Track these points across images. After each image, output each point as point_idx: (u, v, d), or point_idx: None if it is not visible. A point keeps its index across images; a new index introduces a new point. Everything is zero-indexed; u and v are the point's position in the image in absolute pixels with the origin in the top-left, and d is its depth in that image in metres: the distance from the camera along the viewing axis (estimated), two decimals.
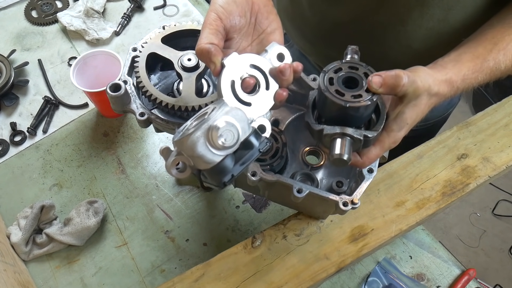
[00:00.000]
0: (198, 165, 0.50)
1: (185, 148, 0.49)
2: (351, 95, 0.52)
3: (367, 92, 0.53)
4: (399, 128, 0.57)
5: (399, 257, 0.91)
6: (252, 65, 0.55)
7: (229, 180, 0.51)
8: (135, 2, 1.33)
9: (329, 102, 0.53)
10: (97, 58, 1.06)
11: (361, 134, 0.53)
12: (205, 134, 0.49)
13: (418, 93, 0.55)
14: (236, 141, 0.50)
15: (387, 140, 0.57)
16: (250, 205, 0.98)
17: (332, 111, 0.55)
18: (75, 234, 0.90)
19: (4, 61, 1.13)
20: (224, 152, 0.49)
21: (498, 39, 0.63)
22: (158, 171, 1.03)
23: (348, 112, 0.53)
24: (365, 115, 0.55)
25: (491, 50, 0.63)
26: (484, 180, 0.81)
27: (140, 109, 0.68)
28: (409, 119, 0.56)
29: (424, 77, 0.56)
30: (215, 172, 0.50)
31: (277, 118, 0.72)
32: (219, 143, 0.49)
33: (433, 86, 0.56)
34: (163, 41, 0.70)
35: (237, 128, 0.50)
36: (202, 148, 0.48)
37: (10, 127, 1.09)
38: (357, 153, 0.58)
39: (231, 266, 0.73)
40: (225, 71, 0.53)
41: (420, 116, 0.58)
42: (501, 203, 2.32)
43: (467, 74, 0.61)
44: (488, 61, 0.62)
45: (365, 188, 0.63)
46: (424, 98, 0.56)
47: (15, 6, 1.35)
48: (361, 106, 0.52)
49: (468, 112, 2.61)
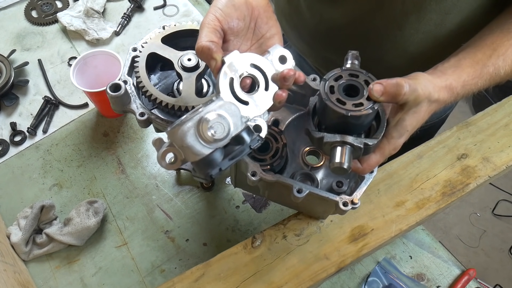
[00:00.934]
0: (187, 156, 0.49)
1: (176, 138, 0.49)
2: (352, 103, 0.52)
3: (368, 100, 0.53)
4: (399, 135, 0.57)
5: (399, 257, 0.91)
6: (253, 65, 0.55)
7: (216, 174, 0.50)
8: (135, 2, 1.33)
9: (330, 110, 0.53)
10: (97, 58, 1.06)
11: (361, 142, 0.53)
12: (196, 125, 0.49)
13: (418, 101, 0.55)
14: (226, 135, 0.49)
15: (387, 147, 0.57)
16: (250, 205, 0.98)
17: (333, 119, 0.55)
18: (75, 234, 0.90)
19: (4, 61, 1.13)
20: (213, 145, 0.49)
21: (497, 45, 0.64)
22: (158, 171, 1.03)
23: (349, 121, 0.53)
24: (365, 123, 0.55)
25: (491, 56, 0.63)
26: (484, 180, 0.81)
27: (140, 109, 0.68)
28: (409, 126, 0.56)
29: (424, 85, 0.56)
30: (203, 164, 0.50)
31: (277, 118, 0.72)
32: (208, 135, 0.48)
33: (433, 93, 0.56)
34: (163, 41, 0.70)
35: (228, 122, 0.50)
36: (192, 139, 0.48)
37: (10, 127, 1.09)
38: (357, 160, 0.58)
39: (231, 266, 0.73)
40: (224, 68, 0.53)
41: (421, 123, 0.58)
42: (501, 203, 2.32)
43: (467, 80, 0.61)
44: (488, 67, 0.62)
45: (365, 188, 0.63)
46: (424, 105, 0.56)
47: (15, 6, 1.35)
48: (363, 115, 0.52)
49: (468, 112, 2.61)
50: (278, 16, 0.98)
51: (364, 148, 0.54)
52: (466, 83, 0.61)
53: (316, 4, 0.84)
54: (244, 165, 0.65)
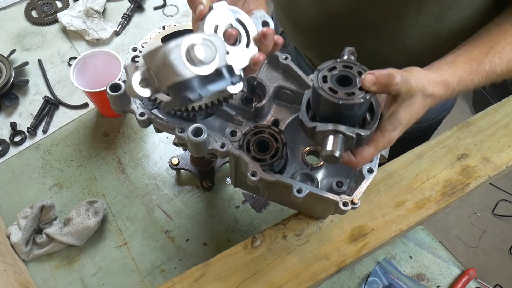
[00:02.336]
0: (165, 78, 0.46)
1: (155, 58, 0.45)
2: (344, 92, 0.53)
3: (360, 90, 0.53)
4: (393, 128, 0.56)
5: (399, 257, 0.91)
6: (238, 20, 0.55)
7: (195, 98, 0.47)
8: (135, 2, 1.33)
9: (322, 99, 0.53)
10: (97, 58, 1.06)
11: (353, 132, 0.53)
12: (183, 45, 0.46)
13: (412, 93, 0.55)
14: (211, 60, 0.47)
15: (381, 139, 0.57)
16: (250, 205, 0.98)
17: (325, 109, 0.55)
18: (75, 234, 0.90)
19: (4, 61, 1.13)
20: (197, 69, 0.46)
21: (494, 43, 0.64)
22: (158, 171, 1.03)
23: (341, 110, 0.53)
24: (358, 113, 0.55)
25: (487, 53, 0.63)
26: (484, 180, 0.81)
27: (140, 109, 0.68)
28: (403, 119, 0.56)
29: (418, 77, 0.55)
30: (182, 87, 0.46)
31: (277, 118, 0.72)
32: (195, 55, 0.45)
33: (427, 86, 0.56)
34: (163, 41, 0.70)
35: (215, 50, 0.47)
36: (176, 57, 0.45)
37: (10, 127, 1.09)
38: (351, 152, 0.58)
39: (231, 266, 0.73)
40: (211, 15, 0.52)
41: (415, 117, 0.58)
42: (501, 203, 2.32)
43: (462, 76, 0.61)
44: (484, 64, 0.62)
45: (365, 188, 0.63)
46: (418, 98, 0.56)
47: (15, 6, 1.35)
48: (354, 103, 0.52)
49: (468, 112, 2.61)
50: (278, 12, 0.98)
51: (357, 139, 0.54)
52: (462, 79, 0.61)
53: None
54: (244, 165, 0.65)
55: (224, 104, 0.66)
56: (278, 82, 0.72)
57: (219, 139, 0.65)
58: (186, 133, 0.63)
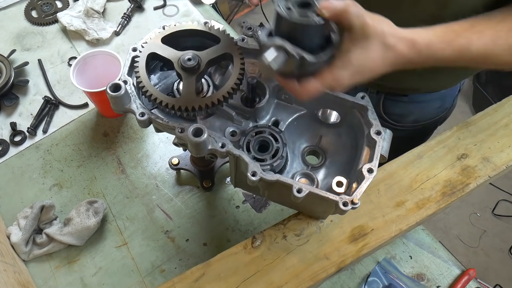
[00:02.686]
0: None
1: None
2: (300, 14, 0.52)
3: (317, 16, 0.53)
4: (342, 66, 0.55)
5: (399, 257, 0.91)
6: None
7: None
8: (135, 2, 1.33)
9: (278, 17, 0.53)
10: (97, 58, 1.06)
11: (298, 53, 0.53)
12: None
13: (366, 32, 0.53)
14: None
15: (328, 75, 0.55)
16: (250, 205, 0.98)
17: (280, 27, 0.55)
18: (75, 234, 0.90)
19: (4, 61, 1.13)
20: None
21: (476, 23, 0.62)
22: (158, 171, 1.03)
23: (295, 33, 0.53)
24: (313, 41, 0.55)
25: (467, 29, 0.60)
26: (484, 180, 0.81)
27: (140, 109, 0.67)
28: (354, 60, 0.54)
29: (378, 20, 0.54)
30: None
31: (277, 118, 0.72)
32: None
33: (388, 36, 0.54)
34: (163, 41, 0.70)
35: None
36: None
37: (10, 127, 1.09)
38: (296, 81, 0.57)
39: (231, 266, 0.73)
40: None
41: (371, 66, 0.55)
42: (501, 203, 2.32)
43: (433, 42, 0.58)
44: (460, 38, 0.59)
45: (365, 188, 0.63)
46: (375, 44, 0.54)
47: (15, 6, 1.35)
48: (304, 24, 0.52)
49: (468, 112, 2.61)
50: None
51: (301, 64, 0.53)
52: (432, 45, 0.58)
53: None
54: (244, 165, 0.65)
55: (224, 104, 0.66)
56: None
57: (219, 139, 0.65)
58: (186, 133, 0.63)
